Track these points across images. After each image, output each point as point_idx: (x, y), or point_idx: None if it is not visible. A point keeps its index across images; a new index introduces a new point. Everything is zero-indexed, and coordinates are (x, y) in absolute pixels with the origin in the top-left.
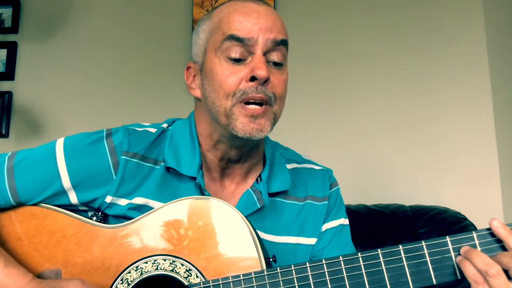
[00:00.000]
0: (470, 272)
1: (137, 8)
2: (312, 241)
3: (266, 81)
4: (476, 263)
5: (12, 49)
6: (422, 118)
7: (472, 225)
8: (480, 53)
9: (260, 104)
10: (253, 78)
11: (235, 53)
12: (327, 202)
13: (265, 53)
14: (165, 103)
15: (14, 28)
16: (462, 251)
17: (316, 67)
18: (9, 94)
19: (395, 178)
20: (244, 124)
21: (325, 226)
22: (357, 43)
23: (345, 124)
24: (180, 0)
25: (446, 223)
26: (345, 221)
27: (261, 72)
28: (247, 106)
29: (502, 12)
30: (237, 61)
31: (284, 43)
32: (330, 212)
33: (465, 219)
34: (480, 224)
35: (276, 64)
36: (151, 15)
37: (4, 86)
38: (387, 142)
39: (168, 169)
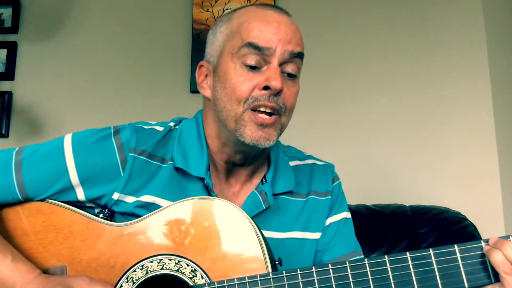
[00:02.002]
0: (498, 260)
1: (137, 8)
2: (316, 235)
3: (279, 92)
4: (507, 252)
5: (12, 49)
6: (422, 118)
7: (472, 225)
8: (480, 53)
9: (270, 114)
10: (266, 87)
11: (251, 60)
12: (330, 196)
13: (280, 64)
14: (165, 103)
15: (14, 28)
16: (491, 241)
17: (316, 67)
18: (9, 94)
19: (395, 178)
20: (252, 131)
21: (329, 221)
22: (357, 43)
23: (345, 124)
24: (180, 0)
25: (446, 223)
26: (347, 214)
27: (275, 83)
28: (258, 114)
29: (502, 12)
30: (253, 68)
31: (300, 56)
32: (333, 206)
33: (465, 219)
34: (480, 224)
35: (290, 75)
36: (151, 15)
37: (4, 86)
38: (387, 142)
39: (176, 168)
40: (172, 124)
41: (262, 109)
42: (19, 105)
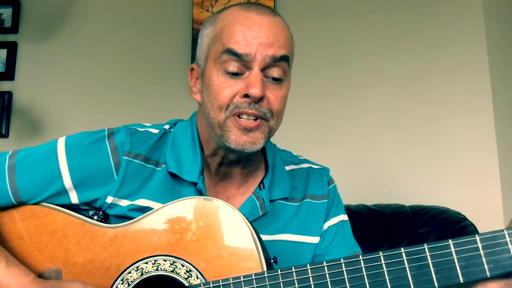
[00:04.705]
0: None
1: (137, 8)
2: (315, 239)
3: (261, 99)
4: None
5: (12, 49)
6: (422, 118)
7: (472, 225)
8: (480, 53)
9: (255, 119)
10: (247, 95)
11: (233, 67)
12: (326, 200)
13: (264, 69)
14: (165, 103)
15: (14, 28)
16: None
17: (316, 67)
18: (9, 94)
19: (395, 178)
20: (236, 136)
21: (327, 224)
22: (357, 43)
23: (345, 124)
24: (180, 0)
25: (446, 223)
26: (344, 217)
27: (255, 91)
28: (240, 119)
29: (502, 12)
30: (235, 74)
31: (284, 59)
32: (329, 209)
33: (465, 219)
34: (480, 224)
35: (275, 79)
36: (151, 15)
37: (4, 86)
38: (387, 142)
39: (170, 172)
40: (167, 126)
41: (244, 116)
42: (19, 105)
